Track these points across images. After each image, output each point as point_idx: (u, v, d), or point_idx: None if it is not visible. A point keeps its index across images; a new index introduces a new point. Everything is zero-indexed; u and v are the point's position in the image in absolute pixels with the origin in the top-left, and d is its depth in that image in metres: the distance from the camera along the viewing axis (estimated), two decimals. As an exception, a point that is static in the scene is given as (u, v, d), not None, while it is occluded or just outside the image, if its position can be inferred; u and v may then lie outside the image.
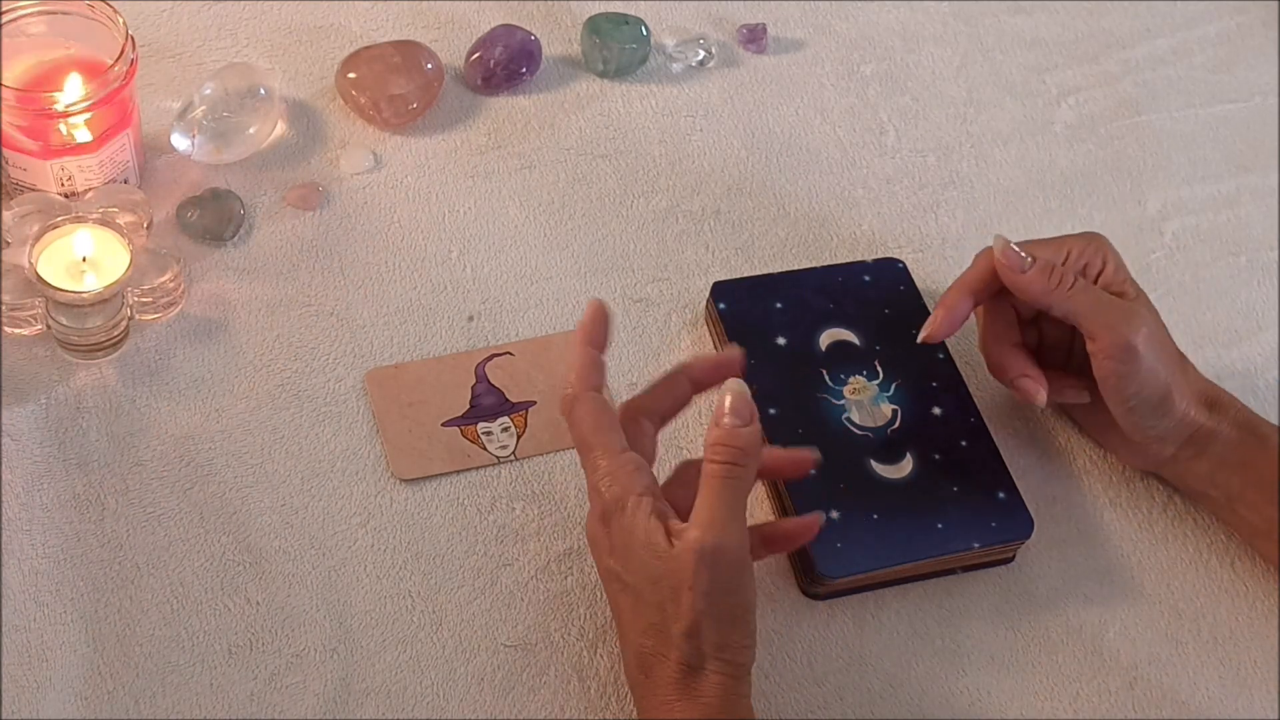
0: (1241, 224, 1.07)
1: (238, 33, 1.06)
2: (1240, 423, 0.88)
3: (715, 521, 0.75)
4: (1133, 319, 0.86)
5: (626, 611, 0.77)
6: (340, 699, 0.81)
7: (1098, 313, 0.86)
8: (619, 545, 0.76)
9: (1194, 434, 0.87)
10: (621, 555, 0.76)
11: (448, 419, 0.91)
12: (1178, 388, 0.86)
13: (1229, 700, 0.86)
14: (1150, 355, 0.85)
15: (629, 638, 0.77)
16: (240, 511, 0.86)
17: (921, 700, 0.85)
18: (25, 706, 0.79)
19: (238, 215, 0.96)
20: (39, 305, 0.88)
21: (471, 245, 0.99)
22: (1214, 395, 0.89)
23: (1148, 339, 0.85)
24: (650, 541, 0.75)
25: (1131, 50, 1.16)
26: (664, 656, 0.75)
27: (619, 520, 0.76)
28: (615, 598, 0.78)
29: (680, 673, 0.75)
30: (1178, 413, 0.86)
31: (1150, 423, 0.87)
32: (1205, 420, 0.87)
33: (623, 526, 0.76)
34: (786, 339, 0.93)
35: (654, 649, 0.75)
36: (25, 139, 0.91)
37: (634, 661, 0.77)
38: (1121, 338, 0.85)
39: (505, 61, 1.05)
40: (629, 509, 0.76)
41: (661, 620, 0.75)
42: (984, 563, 0.89)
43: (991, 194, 1.06)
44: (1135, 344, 0.85)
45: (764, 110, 1.08)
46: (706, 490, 0.76)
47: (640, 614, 0.76)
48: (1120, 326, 0.85)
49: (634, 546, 0.76)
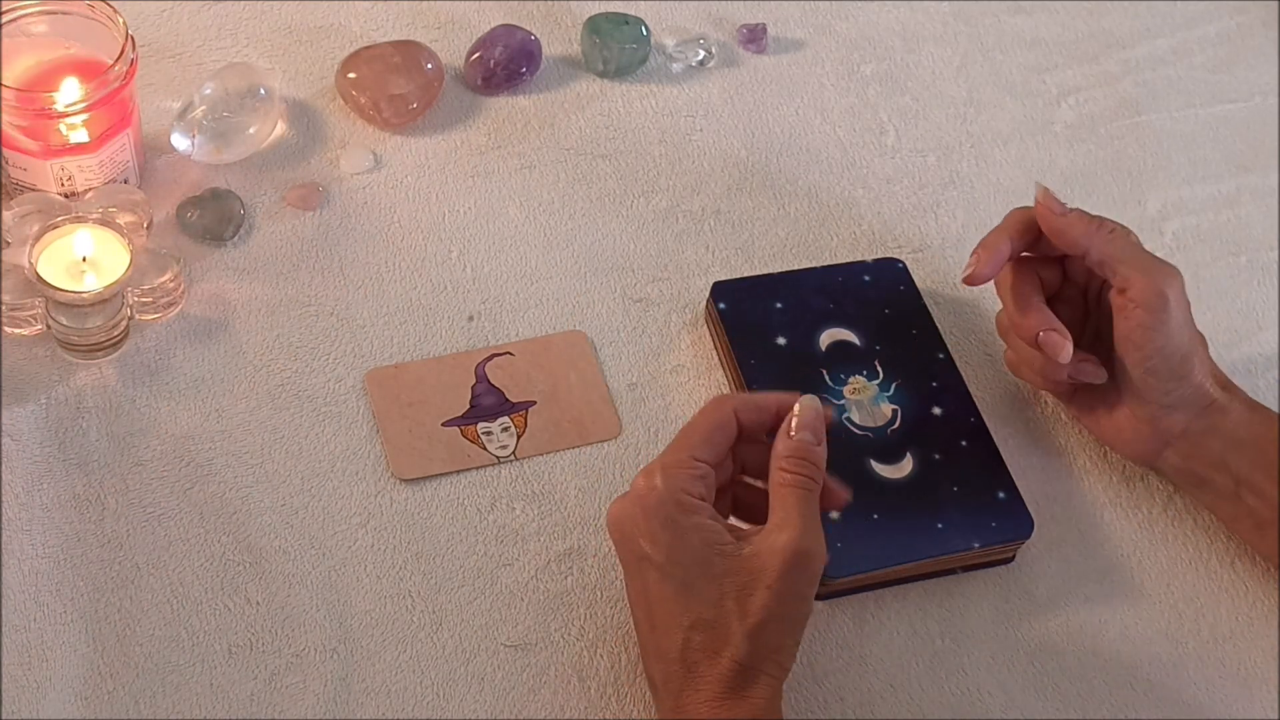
0: (1241, 224, 1.07)
1: (238, 33, 1.06)
2: (1251, 405, 0.88)
3: (805, 529, 0.76)
4: (1169, 271, 0.86)
5: (666, 602, 0.76)
6: (340, 699, 0.81)
7: (1135, 258, 0.86)
8: (666, 539, 0.76)
9: (1208, 406, 0.87)
10: (668, 548, 0.76)
11: (448, 419, 0.91)
12: (1200, 355, 0.87)
13: (1229, 700, 0.86)
14: (1179, 313, 0.86)
15: (668, 631, 0.76)
16: (240, 511, 0.86)
17: (921, 700, 0.85)
18: (25, 706, 0.79)
19: (238, 215, 0.96)
20: (39, 305, 0.88)
21: (471, 245, 0.99)
22: (1225, 379, 0.89)
23: (1179, 296, 0.86)
24: (715, 540, 0.76)
25: (1131, 50, 1.16)
26: (715, 654, 0.75)
27: (674, 515, 0.76)
28: (648, 587, 0.77)
29: (733, 671, 0.74)
30: (1195, 379, 0.87)
31: (1168, 385, 0.87)
32: (1218, 396, 0.88)
33: (675, 522, 0.76)
34: (786, 339, 0.93)
35: (703, 644, 0.75)
36: (25, 139, 0.91)
37: (675, 656, 0.76)
38: (1157, 285, 0.85)
39: (505, 61, 1.05)
40: (686, 506, 0.76)
41: (718, 616, 0.75)
42: (984, 563, 0.89)
43: (991, 194, 1.06)
44: (1167, 293, 0.85)
45: (764, 110, 1.09)
46: (788, 498, 0.77)
47: (687, 607, 0.75)
48: (1156, 274, 0.86)
49: (691, 542, 0.76)
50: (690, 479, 0.77)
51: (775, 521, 0.77)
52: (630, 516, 0.78)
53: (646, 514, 0.77)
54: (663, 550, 0.76)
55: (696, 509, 0.77)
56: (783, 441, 0.79)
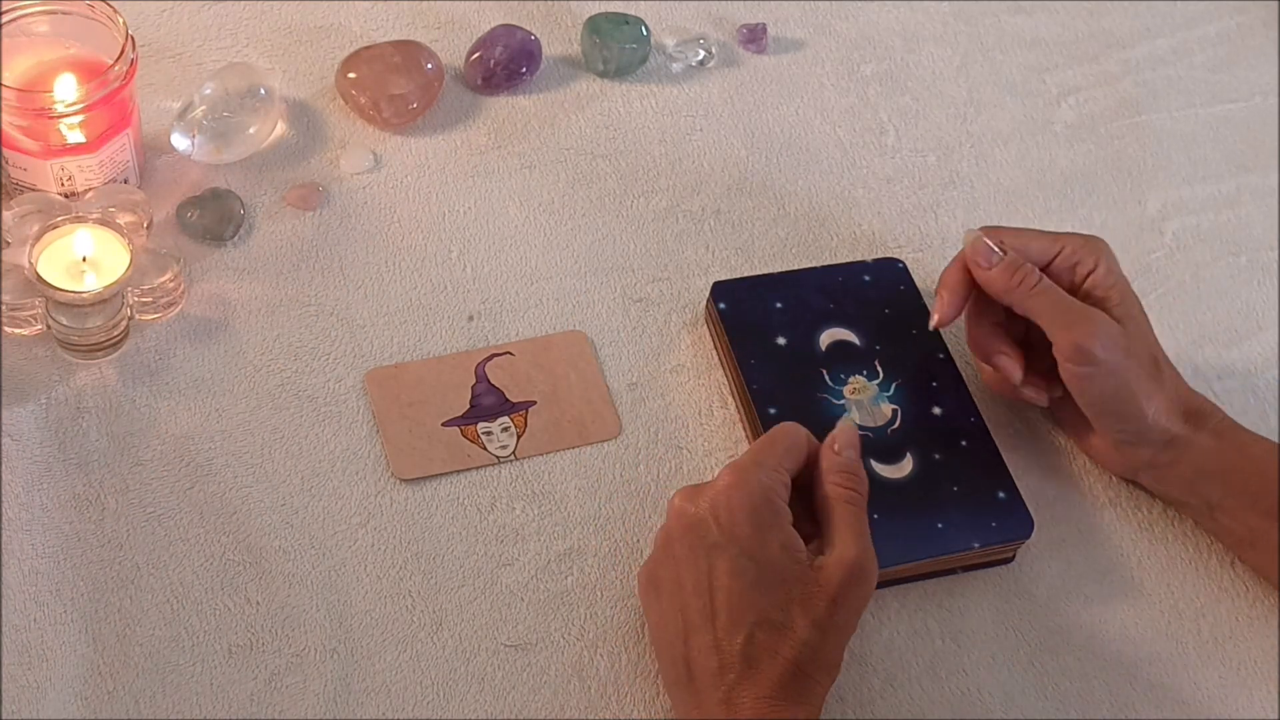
0: (1241, 224, 1.07)
1: (238, 33, 1.06)
2: (1220, 432, 0.88)
3: (865, 546, 0.79)
4: (1090, 323, 0.86)
5: (736, 594, 0.76)
6: (340, 699, 0.81)
7: (1055, 314, 0.86)
8: (751, 530, 0.77)
9: (1169, 441, 0.87)
10: (750, 539, 0.77)
11: (448, 419, 0.91)
12: (1147, 395, 0.86)
13: (1229, 700, 0.86)
14: (1111, 360, 0.85)
15: (733, 622, 0.76)
16: (240, 511, 0.86)
17: (921, 700, 0.85)
18: (25, 706, 0.79)
19: (238, 215, 0.96)
20: (39, 305, 0.88)
21: (471, 245, 0.99)
22: (1196, 406, 0.88)
23: (1107, 344, 0.85)
24: (794, 545, 0.78)
25: (1131, 50, 1.16)
26: (775, 654, 0.75)
27: (764, 511, 0.78)
28: (719, 576, 0.77)
29: (791, 674, 0.75)
30: (1147, 419, 0.86)
31: (1118, 426, 0.87)
32: (1180, 430, 0.87)
33: (763, 517, 0.78)
34: (786, 339, 0.93)
35: (767, 643, 0.76)
36: (25, 139, 0.91)
37: (737, 647, 0.76)
38: (1075, 341, 0.85)
39: (505, 61, 1.05)
40: (777, 507, 0.79)
41: (785, 620, 0.76)
42: (984, 563, 0.89)
43: (991, 194, 1.06)
44: (1089, 348, 0.85)
45: (764, 110, 1.08)
46: (846, 514, 0.80)
47: (755, 602, 0.76)
48: (1076, 329, 0.85)
49: (773, 541, 0.77)
50: (779, 481, 0.80)
51: (838, 536, 0.79)
52: (710, 504, 0.79)
53: (733, 503, 0.78)
54: (740, 543, 0.77)
55: (784, 512, 0.79)
56: (830, 457, 0.82)
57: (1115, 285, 0.88)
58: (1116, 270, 0.89)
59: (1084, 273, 0.88)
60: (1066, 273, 0.89)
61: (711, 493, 0.79)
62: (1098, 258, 0.88)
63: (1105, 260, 0.89)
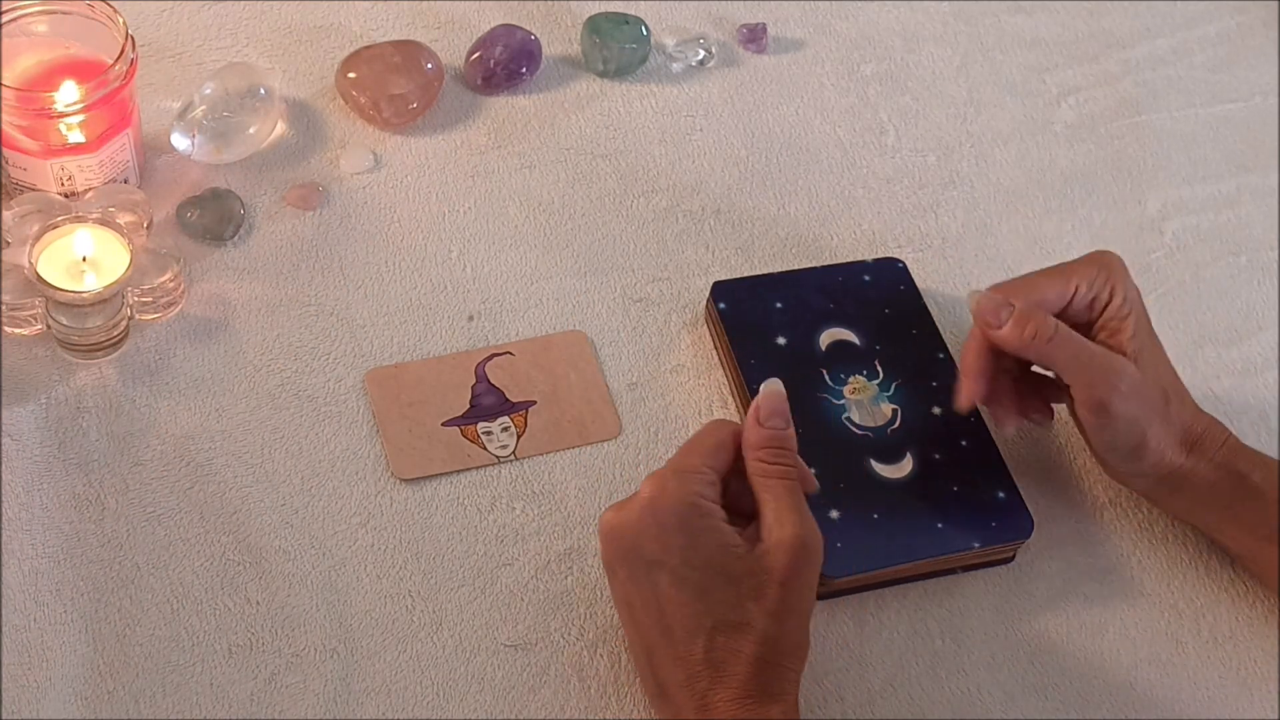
0: (1241, 224, 1.07)
1: (238, 33, 1.06)
2: (1220, 463, 0.87)
3: (801, 520, 0.77)
4: (1110, 375, 0.85)
5: (683, 607, 0.76)
6: (340, 699, 0.81)
7: (1074, 368, 0.85)
8: (680, 542, 0.76)
9: (1170, 473, 0.87)
10: (683, 551, 0.76)
11: (448, 419, 0.91)
12: (1155, 436, 0.86)
13: (1229, 700, 0.86)
14: (1128, 409, 0.85)
15: (687, 635, 0.76)
16: (240, 511, 0.86)
17: (921, 700, 0.85)
18: (25, 706, 0.79)
19: (238, 215, 0.96)
20: (39, 305, 0.88)
21: (471, 245, 0.99)
22: (1199, 432, 0.87)
23: (1125, 395, 0.84)
24: (729, 542, 0.76)
25: (1131, 50, 1.16)
26: (739, 651, 0.75)
27: (689, 518, 0.77)
28: (661, 592, 0.76)
29: (759, 668, 0.75)
30: (1151, 457, 0.86)
31: (1125, 465, 0.87)
32: (1182, 462, 0.87)
33: (689, 525, 0.76)
34: (786, 339, 0.93)
35: (728, 644, 0.75)
36: (25, 139, 0.91)
37: (699, 658, 0.75)
38: (1096, 396, 0.85)
39: (505, 61, 1.05)
40: (701, 509, 0.77)
41: (741, 617, 0.75)
42: (984, 563, 0.89)
43: (991, 194, 1.06)
44: (1109, 402, 0.84)
45: (764, 110, 1.08)
46: (777, 490, 0.78)
47: (707, 610, 0.75)
48: (1097, 384, 0.85)
49: (706, 544, 0.76)
50: (703, 483, 0.78)
51: (773, 517, 0.77)
52: (636, 522, 0.77)
53: (659, 518, 0.77)
54: (677, 554, 0.76)
55: (710, 512, 0.77)
56: (755, 431, 0.80)
57: (1130, 315, 0.87)
58: (1131, 295, 0.87)
59: (1100, 307, 0.87)
60: (1084, 311, 0.87)
61: (637, 509, 0.78)
62: (1112, 286, 0.87)
63: (1121, 287, 0.87)
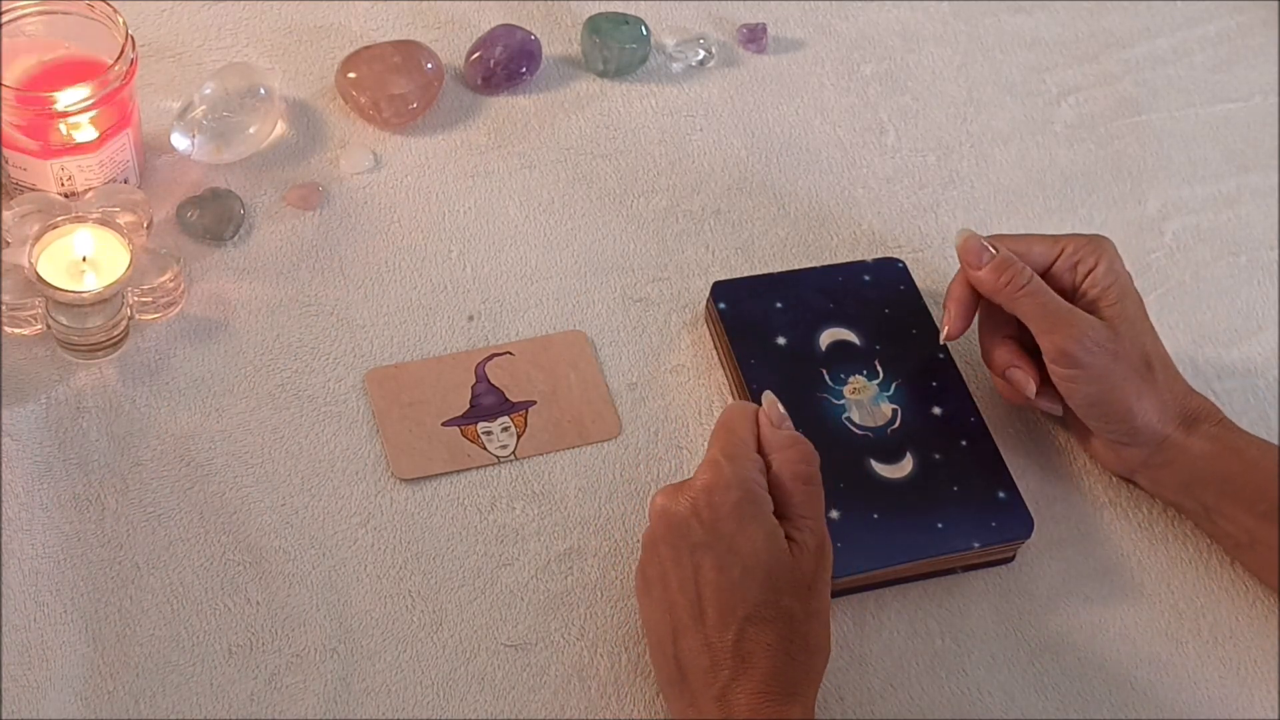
0: (1241, 224, 1.07)
1: (238, 33, 1.06)
2: (1215, 436, 0.87)
3: (825, 522, 0.79)
4: (1072, 326, 0.86)
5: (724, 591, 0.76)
6: (340, 699, 0.81)
7: (1040, 317, 0.86)
8: (730, 527, 0.77)
9: (1162, 443, 0.87)
10: (730, 536, 0.77)
11: (448, 419, 0.91)
12: (1136, 395, 0.86)
13: (1229, 700, 0.86)
14: (1096, 363, 0.85)
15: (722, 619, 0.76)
16: (240, 511, 0.86)
17: (921, 700, 0.85)
18: (25, 706, 0.79)
19: (238, 215, 0.96)
20: (39, 305, 0.88)
21: (471, 245, 0.99)
22: (1194, 408, 0.88)
23: (1090, 347, 0.85)
24: (777, 536, 0.77)
25: (1131, 50, 1.16)
26: (770, 647, 0.75)
27: (744, 505, 0.77)
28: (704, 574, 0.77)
29: (783, 665, 0.75)
30: (1137, 420, 0.86)
31: (1107, 427, 0.88)
32: (1172, 432, 0.87)
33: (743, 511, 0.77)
34: (786, 339, 0.93)
35: (759, 637, 0.75)
36: (25, 139, 0.91)
37: (729, 644, 0.75)
38: (1058, 344, 0.85)
39: (505, 61, 1.05)
40: (757, 499, 0.78)
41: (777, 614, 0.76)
42: (984, 562, 0.89)
43: (991, 194, 1.06)
44: (1072, 351, 0.85)
45: (764, 110, 1.08)
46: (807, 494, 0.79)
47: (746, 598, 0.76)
48: (1059, 332, 0.85)
49: (755, 535, 0.77)
50: (756, 468, 0.79)
51: (805, 519, 0.78)
52: (690, 505, 0.78)
53: (713, 501, 0.78)
54: (725, 539, 0.77)
55: (765, 501, 0.78)
56: (775, 434, 0.81)
57: (1114, 284, 0.88)
58: (1118, 269, 0.89)
59: (1084, 272, 0.88)
60: (1068, 274, 0.89)
61: (693, 491, 0.79)
62: (1099, 256, 0.88)
63: (1106, 259, 0.88)
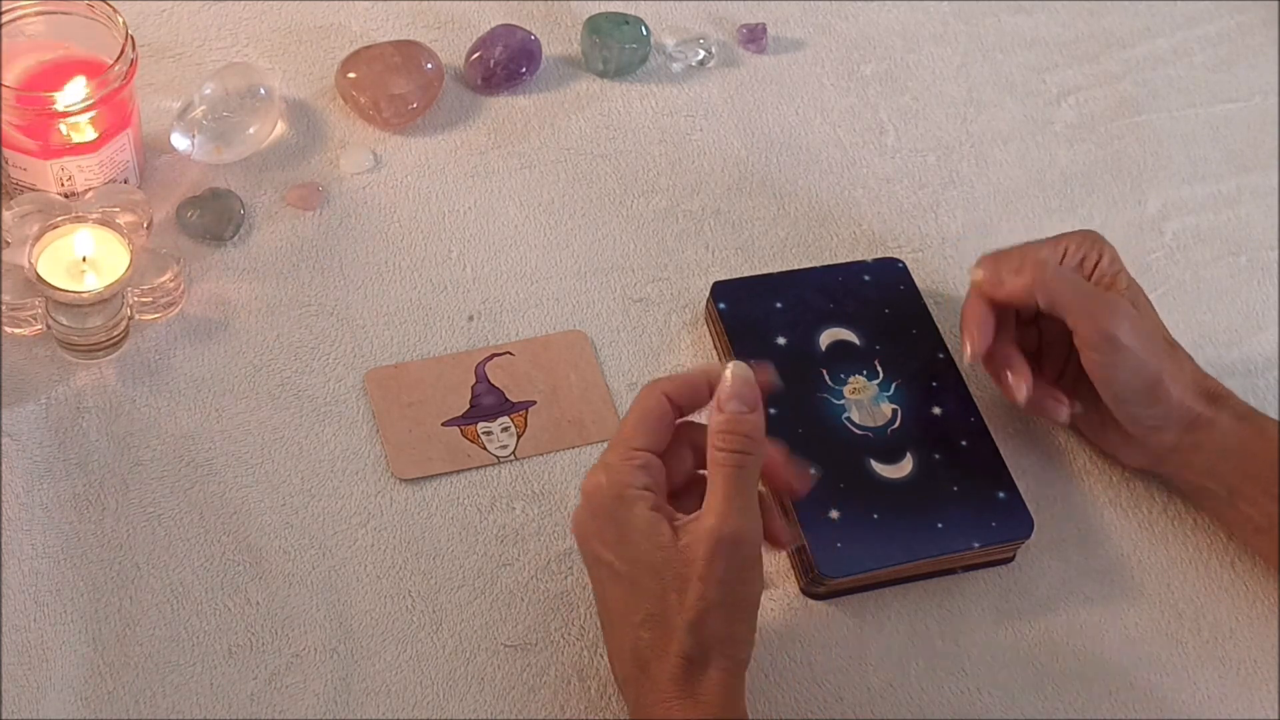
0: (1241, 224, 1.07)
1: (238, 33, 1.06)
2: (1240, 414, 0.88)
3: (730, 510, 0.74)
4: (1113, 309, 0.86)
5: (619, 601, 0.76)
6: (340, 699, 0.81)
7: (1078, 301, 0.86)
8: (612, 536, 0.76)
9: (1193, 421, 0.87)
10: (615, 545, 0.76)
11: (448, 419, 0.91)
12: (1170, 375, 0.87)
13: (1229, 700, 0.86)
14: (1135, 345, 0.85)
15: (622, 630, 0.76)
16: (240, 511, 0.86)
17: (921, 700, 0.85)
18: (25, 706, 0.79)
19: (238, 215, 0.96)
20: (39, 305, 0.88)
21: (471, 245, 0.99)
22: (1213, 389, 0.89)
23: (1130, 329, 0.85)
24: (652, 532, 0.75)
25: (1131, 50, 1.16)
26: (663, 651, 0.74)
27: (616, 511, 0.75)
28: (604, 587, 0.77)
29: (681, 668, 0.74)
30: (1172, 400, 0.87)
31: (1144, 411, 0.87)
32: (1203, 409, 0.87)
33: (617, 518, 0.75)
34: (786, 339, 0.93)
35: (652, 642, 0.75)
36: (25, 139, 0.91)
37: (629, 656, 0.76)
38: (1100, 326, 0.85)
39: (505, 61, 1.05)
40: (627, 500, 0.75)
41: (662, 611, 0.74)
42: (984, 563, 0.89)
43: (991, 194, 1.07)
44: (1115, 334, 0.85)
45: (764, 110, 1.09)
46: (717, 478, 0.75)
47: (637, 604, 0.75)
48: (1099, 315, 0.86)
49: (633, 537, 0.75)
50: (630, 470, 0.76)
51: (706, 506, 0.75)
52: (579, 519, 0.78)
53: (594, 513, 0.77)
54: (611, 548, 0.76)
55: (635, 499, 0.75)
56: (714, 416, 0.77)
57: (1120, 272, 0.89)
58: (1117, 258, 0.90)
59: (1090, 265, 0.89)
60: (1076, 269, 0.89)
61: (578, 508, 0.78)
62: (1100, 248, 0.89)
63: (1106, 250, 0.89)
